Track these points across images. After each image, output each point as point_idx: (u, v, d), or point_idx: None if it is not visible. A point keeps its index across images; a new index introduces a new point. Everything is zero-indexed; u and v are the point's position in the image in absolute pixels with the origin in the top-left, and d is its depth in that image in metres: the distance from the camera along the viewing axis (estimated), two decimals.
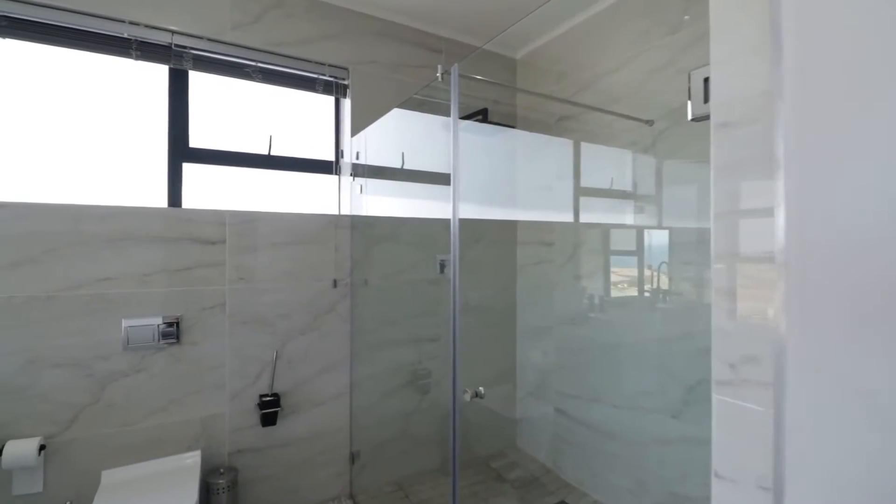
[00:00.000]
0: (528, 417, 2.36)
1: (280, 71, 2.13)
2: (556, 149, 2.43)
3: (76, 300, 1.63)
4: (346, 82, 2.27)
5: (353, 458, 2.11)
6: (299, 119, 2.29)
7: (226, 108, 2.11)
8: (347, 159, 2.28)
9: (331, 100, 2.35)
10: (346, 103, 2.29)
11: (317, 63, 2.17)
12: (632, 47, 1.96)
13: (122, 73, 1.89)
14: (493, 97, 2.57)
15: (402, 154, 2.37)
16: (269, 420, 1.86)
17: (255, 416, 1.90)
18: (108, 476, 1.62)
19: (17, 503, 1.55)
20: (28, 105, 1.74)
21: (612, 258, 2.15)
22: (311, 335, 2.03)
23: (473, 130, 2.51)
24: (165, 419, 1.75)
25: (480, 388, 1.29)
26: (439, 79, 1.50)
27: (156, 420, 1.74)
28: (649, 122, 1.86)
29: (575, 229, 2.27)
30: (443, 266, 2.30)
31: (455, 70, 1.41)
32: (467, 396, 1.27)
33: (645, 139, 1.90)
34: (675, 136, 1.79)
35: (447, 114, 2.64)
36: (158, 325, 1.74)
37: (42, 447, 1.54)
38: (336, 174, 2.33)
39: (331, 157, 2.34)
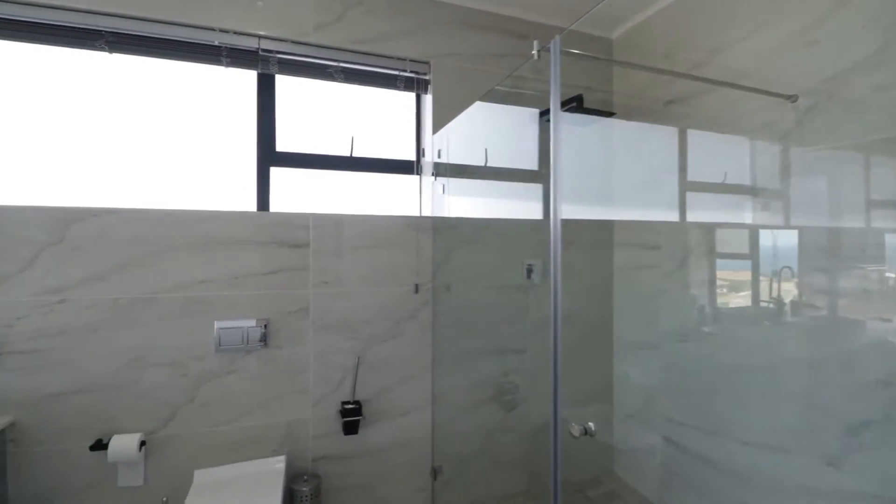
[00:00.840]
0: (629, 443, 2.09)
1: (361, 70, 2.08)
2: (662, 138, 2.12)
3: (174, 302, 1.69)
4: (427, 77, 2.17)
5: (434, 473, 2.00)
6: (380, 119, 2.23)
7: (309, 110, 2.10)
8: (429, 158, 2.17)
9: (412, 97, 2.26)
10: (428, 99, 2.18)
11: (397, 59, 2.09)
12: (763, 10, 1.62)
13: (216, 82, 1.95)
14: (586, 83, 2.32)
15: (486, 151, 2.22)
16: (351, 428, 1.80)
17: (337, 423, 1.85)
18: (200, 476, 1.65)
19: (121, 494, 1.63)
20: (132, 116, 1.84)
21: (729, 263, 1.81)
22: (392, 342, 1.95)
23: (564, 120, 2.29)
24: (253, 422, 1.76)
25: (590, 424, 1.09)
26: (535, 56, 1.32)
27: (244, 422, 1.75)
28: (792, 98, 1.52)
29: (687, 230, 1.95)
30: (530, 271, 2.11)
31: (556, 44, 1.22)
32: (575, 431, 1.08)
33: (785, 119, 1.55)
34: (827, 113, 1.44)
35: (533, 105, 2.44)
36: (248, 328, 1.75)
37: (143, 443, 1.61)
38: (417, 174, 2.24)
39: (412, 156, 2.25)
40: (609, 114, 2.25)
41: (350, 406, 1.83)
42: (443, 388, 2.02)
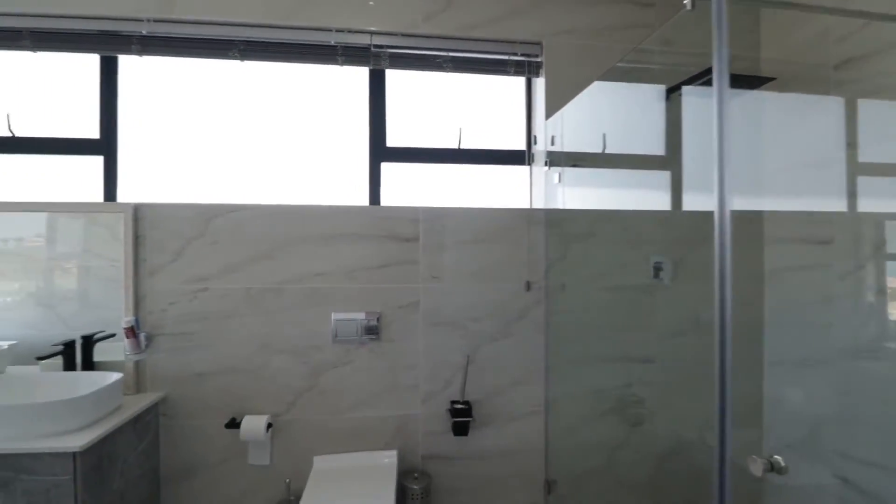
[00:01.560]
0: (787, 480, 1.73)
1: (470, 58, 1.99)
2: (826, 110, 1.73)
3: (297, 293, 1.76)
4: (538, 59, 2.02)
5: (548, 486, 1.86)
6: (488, 108, 2.13)
7: (417, 104, 2.08)
8: (541, 146, 2.02)
9: (521, 82, 2.13)
10: (539, 83, 2.04)
11: (507, 43, 1.97)
12: None
13: (331, 81, 2.01)
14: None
15: (603, 136, 2.00)
16: (460, 429, 1.74)
17: (446, 422, 1.80)
18: (319, 462, 1.70)
19: (250, 472, 1.74)
20: (260, 118, 1.96)
21: None
22: (503, 342, 1.85)
23: (699, 94, 1.98)
24: (366, 413, 1.78)
25: (778, 458, 0.88)
26: (688, 6, 1.10)
27: (358, 412, 1.78)
28: None
29: (861, 222, 1.56)
30: (658, 269, 1.86)
31: None
32: (756, 468, 0.87)
33: None
34: None
35: (660, 81, 2.16)
36: (361, 321, 1.77)
37: (269, 425, 1.70)
38: (528, 164, 2.11)
39: (522, 145, 2.12)
40: (763, 81, 1.89)
41: (460, 406, 1.77)
42: (557, 396, 1.87)
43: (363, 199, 1.98)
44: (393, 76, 2.04)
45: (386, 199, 2.00)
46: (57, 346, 1.60)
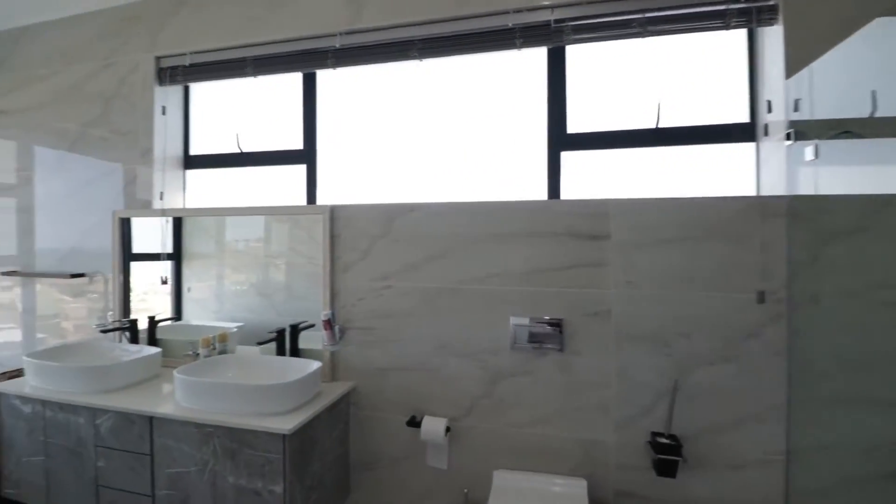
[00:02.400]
0: None
1: (673, 14, 1.64)
2: None
3: (474, 294, 1.67)
4: (771, 1, 1.55)
5: None
6: (693, 77, 1.73)
7: (602, 83, 1.80)
8: (778, 115, 1.55)
9: (741, 38, 1.68)
10: (771, 35, 1.56)
11: None
12: None
13: (504, 70, 1.87)
14: None
15: (873, 94, 1.43)
16: (666, 469, 1.43)
17: (645, 457, 1.50)
18: (500, 477, 1.58)
19: (428, 473, 1.72)
20: (432, 115, 1.94)
21: None
22: (723, 367, 1.46)
23: None
24: (549, 430, 1.60)
25: None
26: None
27: (539, 429, 1.61)
28: None
29: None
30: None
31: None
32: None
33: None
34: None
35: None
36: (542, 328, 1.59)
37: (448, 428, 1.65)
38: (754, 140, 1.65)
39: (743, 117, 1.67)
40: None
41: (665, 441, 1.45)
42: (807, 444, 1.40)
43: (541, 193, 1.80)
44: (573, 54, 1.81)
45: (567, 192, 1.78)
46: (272, 332, 1.81)
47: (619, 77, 1.79)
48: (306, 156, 2.09)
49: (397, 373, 1.77)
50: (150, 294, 2.21)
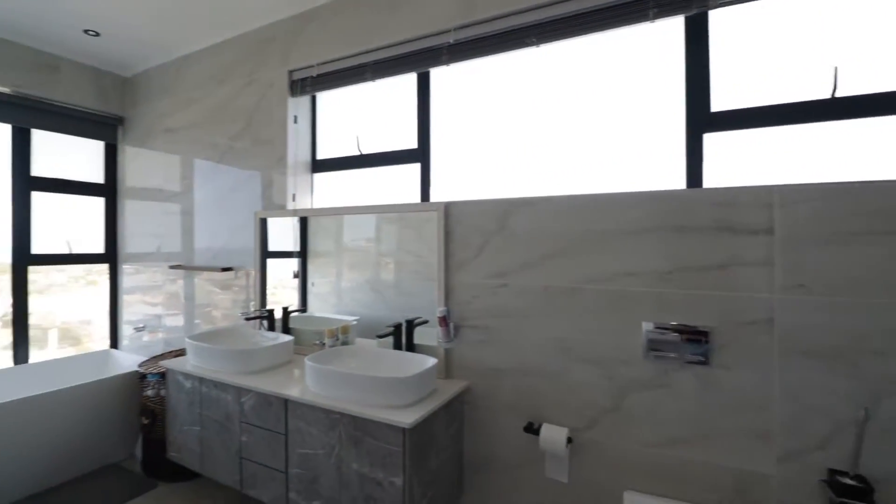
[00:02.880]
0: None
1: None
2: None
3: (599, 294, 1.53)
4: None
5: None
6: (881, 34, 1.39)
7: (755, 50, 1.53)
8: None
9: None
10: None
11: None
12: None
13: (629, 48, 1.69)
14: None
15: None
16: None
17: (821, 498, 1.24)
18: (631, 500, 1.42)
19: (546, 485, 1.62)
20: (551, 103, 1.82)
21: None
22: None
23: None
24: (689, 454, 1.40)
25: None
26: None
27: (677, 451, 1.42)
28: None
29: None
30: None
31: None
32: None
33: None
34: None
35: None
36: (680, 336, 1.40)
37: (569, 439, 1.53)
38: None
39: None
40: None
41: (849, 482, 1.17)
42: None
43: (678, 182, 1.59)
44: (717, 18, 1.57)
45: (710, 180, 1.55)
46: (390, 327, 1.85)
47: (777, 40, 1.51)
48: (420, 154, 2.12)
49: (513, 374, 1.69)
50: (278, 288, 2.43)
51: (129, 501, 2.08)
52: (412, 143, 2.15)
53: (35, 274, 2.87)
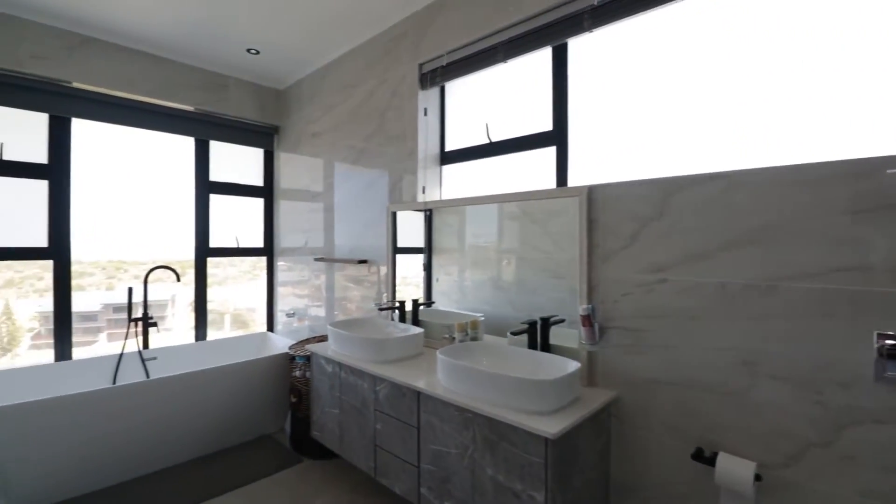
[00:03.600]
0: None
1: None
2: None
3: (802, 294, 1.19)
4: None
5: None
6: None
7: None
8: None
9: None
10: None
11: None
12: None
13: None
14: None
15: None
16: None
17: None
18: None
19: None
20: (711, 63, 1.48)
21: None
22: None
23: None
24: None
25: None
26: None
27: None
28: None
29: None
30: None
31: None
32: None
33: None
34: None
35: None
36: None
37: (757, 476, 1.21)
38: None
39: None
40: None
41: None
42: None
43: None
44: None
45: None
46: (524, 324, 1.71)
47: None
48: (556, 137, 1.93)
49: (674, 388, 1.42)
50: (401, 286, 2.46)
51: (277, 473, 2.28)
52: (546, 125, 1.97)
53: (214, 268, 3.36)
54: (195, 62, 3.10)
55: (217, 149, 3.36)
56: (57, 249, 2.66)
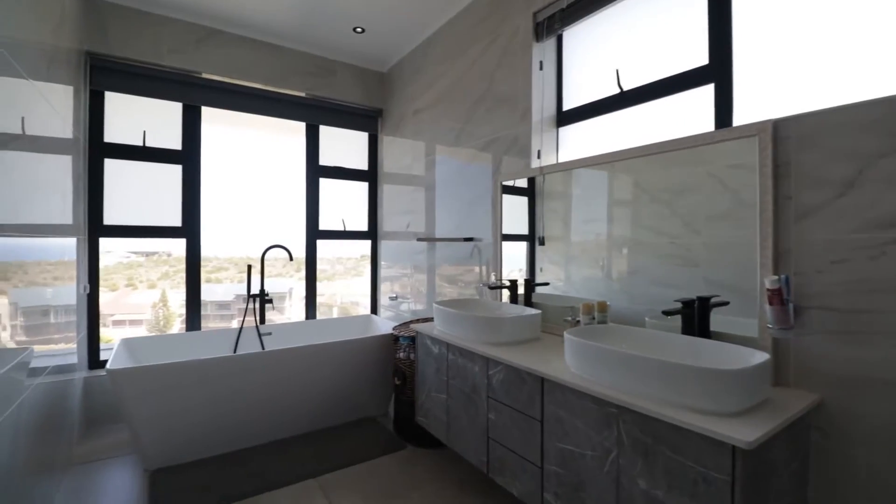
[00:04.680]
0: None
1: None
2: None
3: None
4: None
5: None
6: None
7: None
8: None
9: None
10: None
11: None
12: None
13: None
14: None
15: None
16: None
17: None
18: None
19: None
20: None
21: None
22: None
23: None
24: None
25: None
26: None
27: None
28: None
29: None
30: None
31: None
32: None
33: None
34: None
35: None
36: None
37: None
38: None
39: None
40: None
41: None
42: None
43: None
44: None
45: None
46: (677, 302, 1.36)
47: None
48: (714, 72, 1.53)
49: None
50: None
51: (380, 457, 2.18)
52: (698, 59, 1.58)
53: (323, 264, 3.45)
54: (306, 48, 3.17)
55: (326, 134, 3.42)
56: (189, 228, 2.88)
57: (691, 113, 1.61)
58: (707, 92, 1.56)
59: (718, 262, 1.39)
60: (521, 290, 2.07)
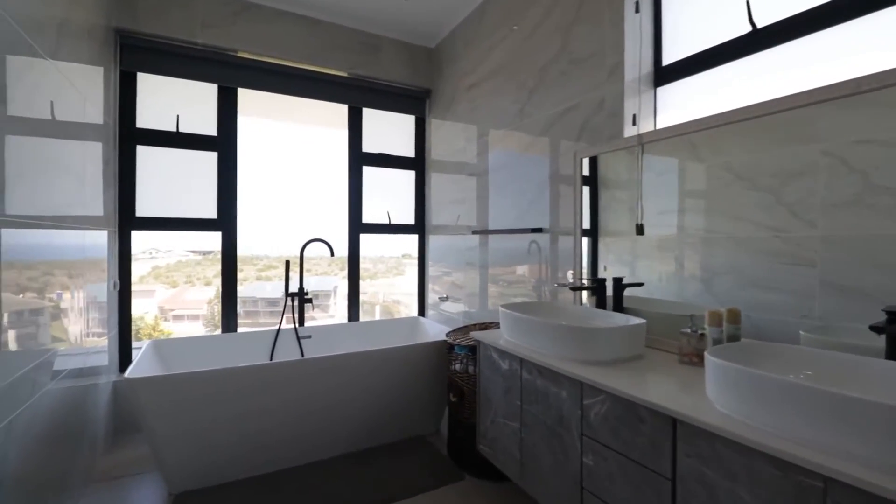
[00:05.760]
0: None
1: None
2: None
3: None
4: None
5: None
6: None
7: None
8: None
9: None
10: None
11: None
12: None
13: None
14: None
15: None
16: None
17: None
18: None
19: None
20: None
21: None
22: None
23: None
24: None
25: None
26: None
27: None
28: None
29: None
30: None
31: None
32: None
33: None
34: None
35: None
36: None
37: None
38: None
39: None
40: None
41: None
42: None
43: None
44: None
45: None
46: (885, 310, 0.91)
47: None
48: None
49: None
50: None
51: (436, 489, 1.83)
52: None
53: (366, 263, 3.15)
54: (349, 21, 2.87)
55: (369, 118, 3.12)
56: (225, 221, 2.65)
57: (857, 49, 1.14)
58: (880, 20, 1.09)
59: (842, 261, 1.04)
60: (608, 293, 1.66)
